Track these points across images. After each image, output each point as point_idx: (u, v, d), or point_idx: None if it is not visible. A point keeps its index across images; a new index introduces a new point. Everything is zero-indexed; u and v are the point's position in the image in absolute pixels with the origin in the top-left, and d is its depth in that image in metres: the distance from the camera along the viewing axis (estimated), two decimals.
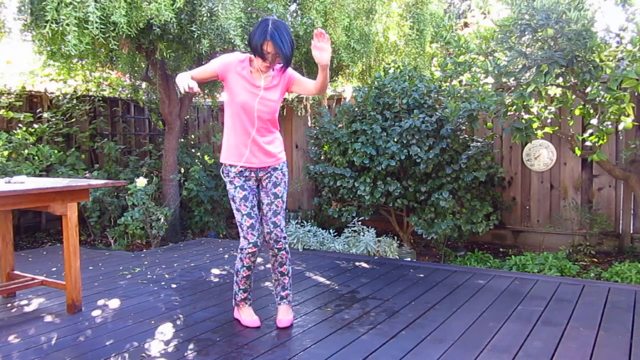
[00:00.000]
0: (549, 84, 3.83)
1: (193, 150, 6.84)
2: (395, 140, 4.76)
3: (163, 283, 3.87)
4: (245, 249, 2.90)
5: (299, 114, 6.44)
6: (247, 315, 3.03)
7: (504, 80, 4.05)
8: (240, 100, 2.78)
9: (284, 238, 2.94)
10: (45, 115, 5.85)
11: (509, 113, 4.08)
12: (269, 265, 4.40)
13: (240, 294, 3.03)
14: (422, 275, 4.02)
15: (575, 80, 3.90)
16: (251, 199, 2.85)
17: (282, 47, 2.62)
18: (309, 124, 6.40)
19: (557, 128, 4.57)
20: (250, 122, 2.81)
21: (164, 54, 4.54)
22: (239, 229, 2.90)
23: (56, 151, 5.55)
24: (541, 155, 5.17)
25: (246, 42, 4.39)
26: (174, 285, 3.80)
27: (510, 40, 3.96)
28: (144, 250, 5.07)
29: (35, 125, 5.64)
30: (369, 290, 3.65)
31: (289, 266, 3.01)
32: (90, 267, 4.32)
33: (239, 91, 2.78)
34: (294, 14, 5.20)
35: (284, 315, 3.00)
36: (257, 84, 2.80)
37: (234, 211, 2.89)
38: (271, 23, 2.64)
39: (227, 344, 2.70)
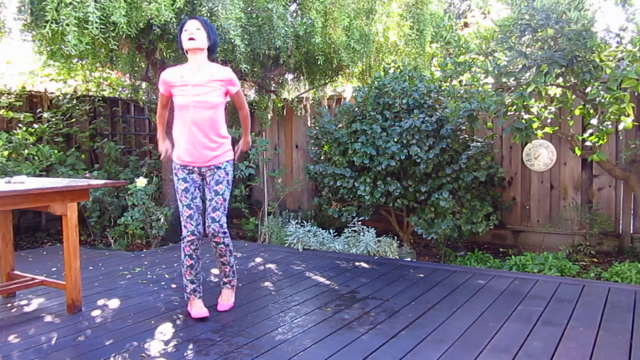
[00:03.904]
0: (549, 84, 3.83)
1: None
2: (395, 140, 4.76)
3: (163, 283, 3.87)
4: (185, 237, 3.08)
5: (299, 114, 6.44)
6: (197, 308, 3.10)
7: (504, 80, 4.05)
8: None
9: (223, 233, 3.13)
10: (45, 115, 5.85)
11: (509, 113, 4.08)
12: (269, 265, 4.40)
13: (189, 285, 3.14)
14: (422, 275, 4.02)
15: (575, 80, 3.90)
16: (192, 191, 3.12)
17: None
18: (309, 124, 6.40)
19: (557, 128, 4.57)
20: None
21: (164, 54, 4.54)
22: (181, 219, 3.14)
23: (56, 151, 5.55)
24: (541, 155, 5.16)
25: (246, 42, 4.40)
26: (173, 285, 3.80)
27: (510, 40, 3.96)
28: (144, 250, 5.07)
29: (35, 125, 5.64)
30: (369, 290, 3.65)
31: (230, 257, 3.25)
32: (90, 267, 4.32)
33: None
34: (294, 14, 5.20)
35: (225, 299, 3.29)
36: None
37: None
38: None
39: (227, 344, 2.70)
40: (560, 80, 4.12)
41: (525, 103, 3.90)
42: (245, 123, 3.37)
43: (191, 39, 2.92)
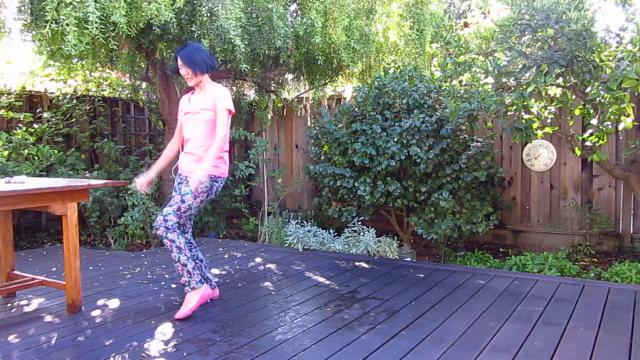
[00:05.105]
0: (549, 84, 3.83)
1: None
2: (395, 140, 4.75)
3: (163, 283, 3.87)
4: None
5: (299, 114, 6.44)
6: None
7: (504, 80, 4.05)
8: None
9: (165, 229, 3.07)
10: (45, 115, 5.86)
11: (509, 113, 4.08)
12: (269, 265, 4.40)
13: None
14: (422, 275, 4.02)
15: (575, 80, 3.90)
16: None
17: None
18: (309, 124, 6.40)
19: (557, 128, 4.57)
20: None
21: (164, 54, 4.54)
22: None
23: (56, 151, 5.55)
24: (541, 155, 5.16)
25: (246, 42, 4.40)
26: (173, 285, 3.80)
27: (510, 40, 3.96)
28: (144, 250, 5.07)
29: (35, 125, 5.64)
30: (369, 290, 3.65)
31: (178, 254, 3.10)
32: (90, 267, 4.32)
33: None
34: (294, 14, 5.20)
35: (183, 304, 3.14)
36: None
37: None
38: None
39: (227, 344, 2.70)
40: (560, 80, 4.12)
41: (525, 103, 3.90)
42: (212, 148, 3.16)
43: (187, 79, 3.24)
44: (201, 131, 3.22)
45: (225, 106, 3.18)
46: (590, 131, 4.23)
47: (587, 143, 4.32)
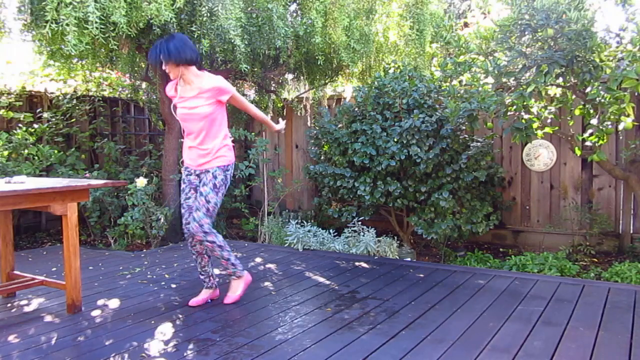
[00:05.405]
0: (549, 84, 3.83)
1: None
2: (395, 140, 4.76)
3: (163, 283, 3.87)
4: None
5: (299, 114, 6.44)
6: (194, 297, 3.41)
7: (504, 80, 4.05)
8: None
9: (203, 233, 3.18)
10: (45, 115, 5.85)
11: (509, 113, 4.08)
12: (269, 265, 4.40)
13: (199, 276, 3.46)
14: (422, 275, 4.02)
15: (575, 80, 3.90)
16: (187, 192, 3.33)
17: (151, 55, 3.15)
18: (309, 124, 6.40)
19: (557, 128, 4.57)
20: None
21: None
22: None
23: (56, 151, 5.55)
24: (541, 155, 5.16)
25: (246, 42, 4.40)
26: (173, 285, 3.80)
27: (510, 40, 3.96)
28: (144, 250, 5.07)
29: (35, 125, 5.64)
30: (369, 290, 3.65)
31: (221, 251, 3.28)
32: (90, 267, 4.32)
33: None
34: (294, 14, 5.20)
35: (230, 291, 3.43)
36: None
37: None
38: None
39: (227, 344, 2.70)
40: (560, 80, 4.11)
41: (525, 103, 3.90)
42: (258, 118, 3.54)
43: (168, 72, 3.18)
44: (203, 128, 3.22)
45: (230, 94, 3.22)
46: (590, 131, 4.23)
47: (587, 143, 4.32)
